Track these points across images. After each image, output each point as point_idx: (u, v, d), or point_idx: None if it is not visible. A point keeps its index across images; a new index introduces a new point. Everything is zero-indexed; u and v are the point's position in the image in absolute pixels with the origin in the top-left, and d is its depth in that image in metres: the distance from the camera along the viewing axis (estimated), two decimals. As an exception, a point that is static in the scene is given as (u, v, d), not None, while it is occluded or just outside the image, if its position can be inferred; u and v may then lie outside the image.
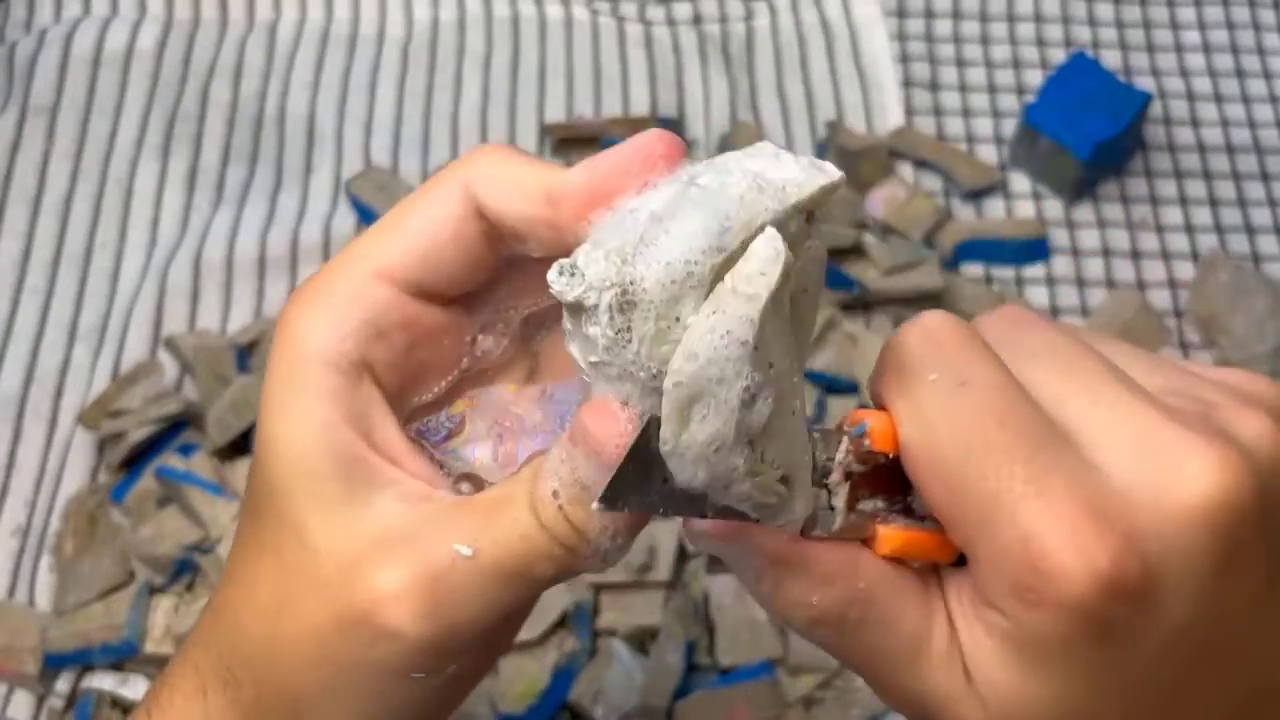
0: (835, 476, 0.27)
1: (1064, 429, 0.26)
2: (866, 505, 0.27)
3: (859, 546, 0.27)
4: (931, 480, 0.26)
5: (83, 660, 0.55)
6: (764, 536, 0.26)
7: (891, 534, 0.27)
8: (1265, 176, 0.74)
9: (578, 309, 0.25)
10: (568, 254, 0.26)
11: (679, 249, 0.24)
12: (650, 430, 0.25)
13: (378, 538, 0.28)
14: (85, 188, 0.70)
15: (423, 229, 0.29)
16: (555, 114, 0.74)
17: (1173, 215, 0.72)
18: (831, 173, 0.26)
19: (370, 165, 0.71)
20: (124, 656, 0.55)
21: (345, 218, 0.69)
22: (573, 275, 0.25)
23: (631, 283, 0.25)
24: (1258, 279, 0.68)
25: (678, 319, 0.24)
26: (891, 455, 0.27)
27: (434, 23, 0.77)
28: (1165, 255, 0.71)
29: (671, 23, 0.78)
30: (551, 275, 0.25)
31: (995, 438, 0.25)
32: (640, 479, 0.25)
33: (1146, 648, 0.25)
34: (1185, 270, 0.70)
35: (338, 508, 0.28)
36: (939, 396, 0.26)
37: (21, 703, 0.56)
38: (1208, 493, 0.24)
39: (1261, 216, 0.72)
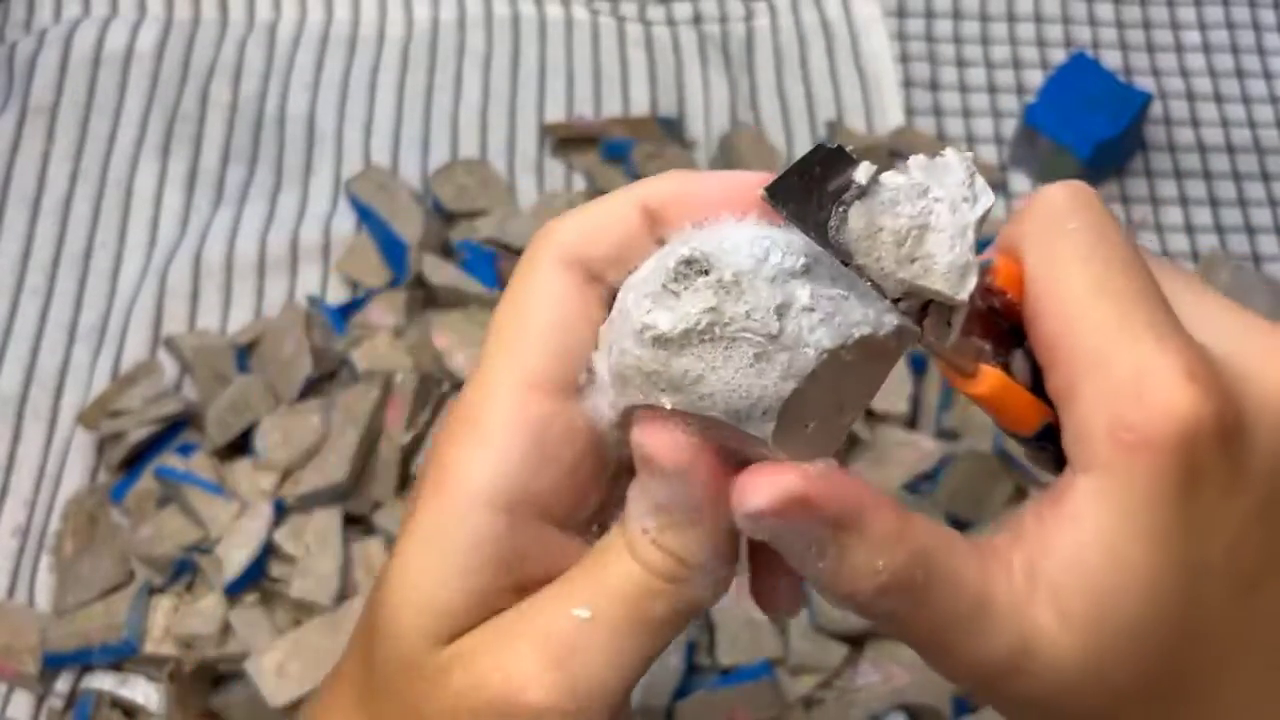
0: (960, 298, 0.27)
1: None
2: (975, 341, 0.28)
3: (905, 512, 0.27)
4: (1052, 313, 0.26)
5: (82, 660, 0.55)
6: (823, 496, 0.25)
7: (994, 373, 0.27)
8: (1265, 176, 0.74)
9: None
10: None
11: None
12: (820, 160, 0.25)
13: (498, 631, 0.28)
14: (85, 188, 0.70)
15: (554, 323, 0.28)
16: (555, 114, 0.74)
17: (1173, 215, 0.72)
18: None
19: (370, 165, 0.71)
20: (124, 656, 0.55)
21: (345, 218, 0.69)
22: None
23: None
24: (1258, 279, 0.68)
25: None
26: (1008, 297, 0.27)
27: (434, 23, 0.77)
28: (1166, 255, 0.71)
29: (671, 23, 0.78)
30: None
31: (1124, 282, 0.26)
32: (802, 192, 0.25)
33: (1232, 515, 0.25)
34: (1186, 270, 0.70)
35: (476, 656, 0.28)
36: (1077, 240, 0.27)
37: (21, 703, 0.56)
38: None
39: (1262, 216, 0.72)
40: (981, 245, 0.27)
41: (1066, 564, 0.25)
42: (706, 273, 0.25)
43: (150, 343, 0.64)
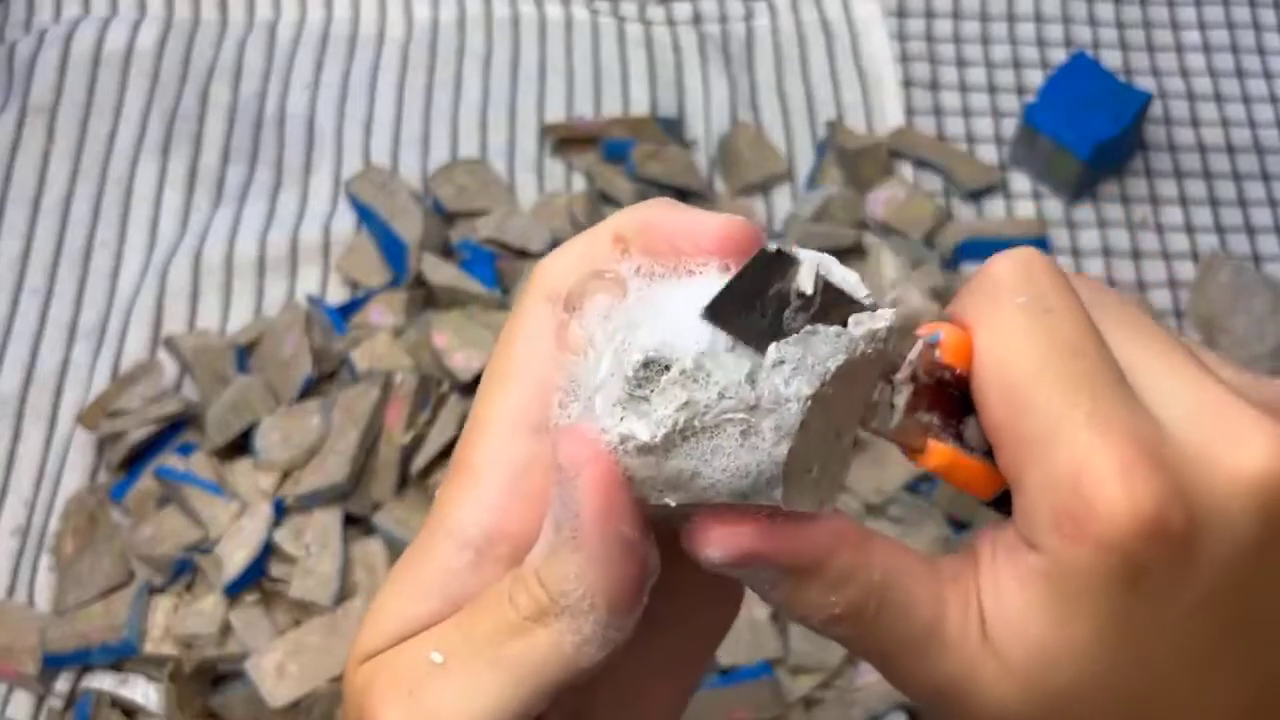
0: (903, 374, 0.27)
1: (1132, 383, 0.26)
2: (923, 417, 0.27)
3: (868, 534, 0.27)
4: (997, 396, 0.26)
5: (82, 660, 0.55)
6: (777, 550, 0.26)
7: (942, 449, 0.27)
8: (1266, 176, 0.74)
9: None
10: None
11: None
12: (770, 263, 0.25)
13: (376, 664, 0.27)
14: (85, 188, 0.70)
15: (541, 361, 0.27)
16: (555, 114, 0.74)
17: (1173, 215, 0.72)
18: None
19: (370, 165, 0.71)
20: (123, 656, 0.55)
21: (345, 218, 0.69)
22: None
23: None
24: (1258, 279, 0.68)
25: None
26: (957, 372, 0.27)
27: (434, 23, 0.77)
28: (1165, 255, 0.71)
29: (671, 23, 0.78)
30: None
31: (1069, 365, 0.25)
32: (744, 305, 0.25)
33: (1179, 604, 0.25)
34: (1186, 270, 0.70)
35: None
36: (1023, 317, 0.26)
37: (21, 703, 0.56)
38: (1264, 465, 0.25)
39: (1262, 216, 0.72)
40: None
41: (1011, 621, 0.26)
42: (668, 368, 0.24)
43: (150, 343, 0.64)
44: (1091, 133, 0.69)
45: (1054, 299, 0.26)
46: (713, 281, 0.26)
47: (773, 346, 0.25)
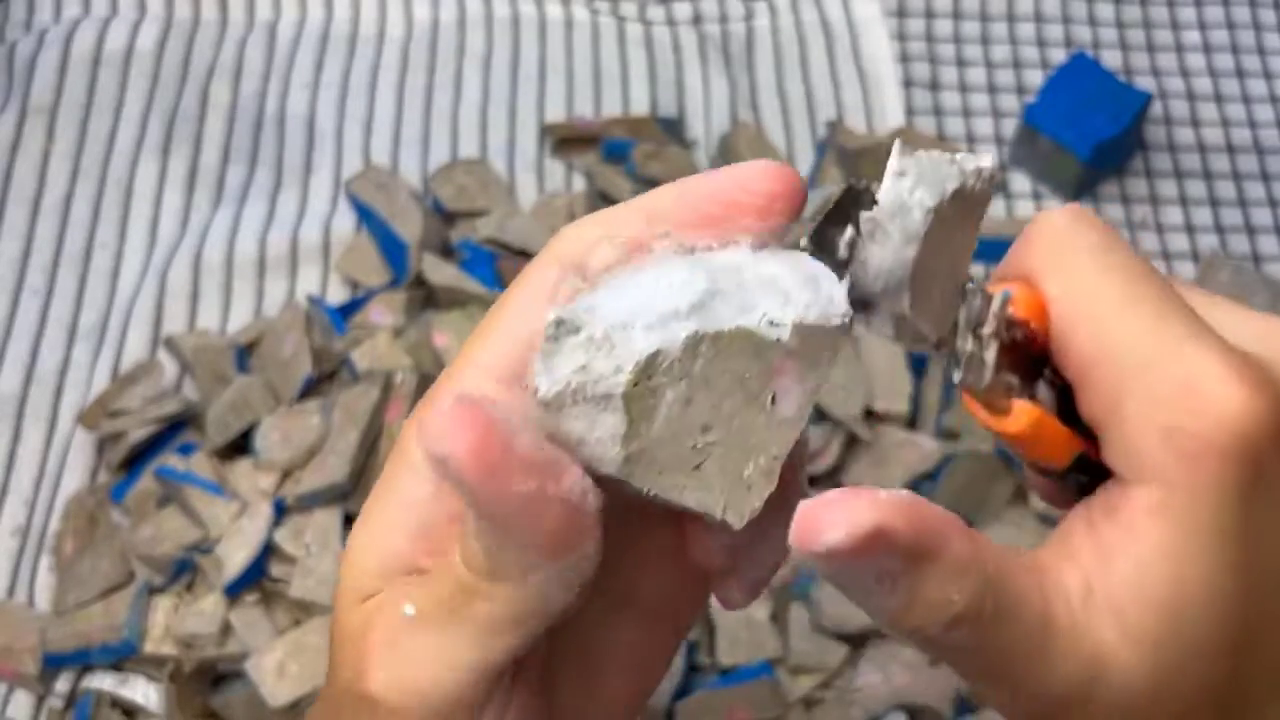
0: (989, 328, 0.26)
1: None
2: (1005, 378, 0.27)
3: (973, 532, 0.25)
4: (1084, 331, 0.26)
5: (82, 660, 0.55)
6: (905, 523, 0.23)
7: (1030, 408, 0.26)
8: (1266, 176, 0.74)
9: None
10: None
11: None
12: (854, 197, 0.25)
13: (363, 612, 0.27)
14: (85, 188, 0.70)
15: (532, 315, 0.27)
16: (555, 114, 0.74)
17: (1173, 215, 0.72)
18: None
19: (370, 165, 0.71)
20: (123, 656, 0.55)
21: (345, 218, 0.69)
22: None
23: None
24: (1258, 279, 0.68)
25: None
26: (1031, 328, 0.27)
27: (434, 23, 0.77)
28: (1166, 255, 0.71)
29: (671, 23, 0.78)
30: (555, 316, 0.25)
31: (1151, 292, 0.25)
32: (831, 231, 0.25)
33: None
34: (1186, 270, 0.70)
35: None
36: (1094, 256, 0.26)
37: (21, 703, 0.56)
38: None
39: (1262, 216, 0.72)
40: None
41: (1129, 581, 0.24)
42: (578, 330, 0.24)
43: (150, 342, 0.64)
44: (1091, 133, 0.69)
45: (1115, 240, 0.27)
46: (740, 255, 0.26)
47: (894, 157, 0.25)
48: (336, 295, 0.66)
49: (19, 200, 0.70)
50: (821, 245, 0.26)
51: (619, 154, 0.70)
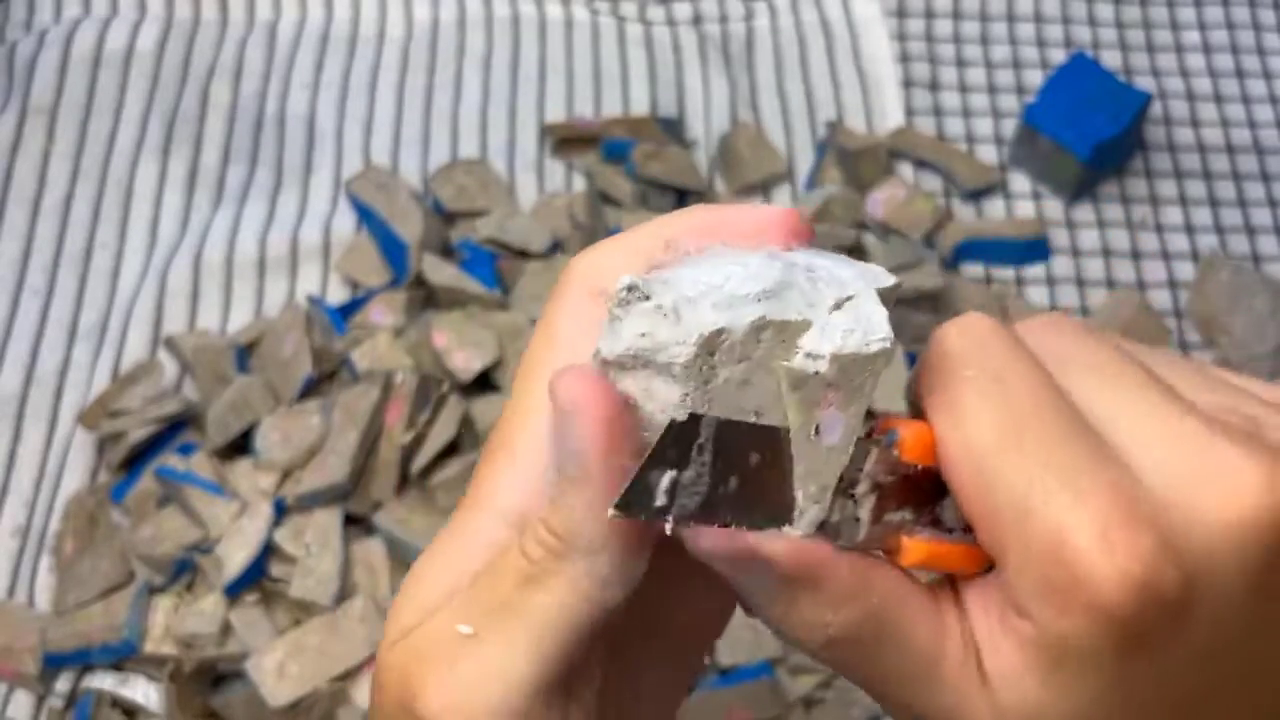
0: (862, 488, 0.26)
1: (1101, 435, 0.25)
2: (894, 517, 0.27)
3: (872, 559, 0.26)
4: (965, 477, 0.25)
5: (82, 660, 0.55)
6: (778, 553, 0.25)
7: (917, 545, 0.27)
8: (1265, 177, 0.74)
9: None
10: None
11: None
12: (673, 432, 0.25)
13: (419, 635, 0.27)
14: (85, 188, 0.70)
15: (584, 349, 0.27)
16: (555, 114, 0.74)
17: (1173, 215, 0.72)
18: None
19: (370, 165, 0.71)
20: (124, 656, 0.55)
21: (345, 218, 0.69)
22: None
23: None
24: (1258, 279, 0.68)
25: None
26: (921, 467, 0.26)
27: (434, 23, 0.77)
28: (1165, 255, 0.71)
29: (671, 23, 0.78)
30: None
31: (1029, 433, 0.25)
32: (653, 481, 0.25)
33: (1175, 661, 0.24)
34: (1185, 270, 0.70)
35: None
36: (975, 390, 0.25)
37: (21, 703, 0.56)
38: (1252, 505, 0.24)
39: (1262, 216, 0.72)
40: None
41: (1007, 677, 0.25)
42: (648, 298, 0.25)
43: (150, 342, 0.64)
44: (1091, 133, 0.69)
45: (1004, 367, 0.26)
46: (815, 256, 0.27)
47: (759, 312, 0.25)
48: (336, 295, 0.66)
49: (19, 200, 0.70)
50: (634, 502, 0.25)
51: (619, 154, 0.70)
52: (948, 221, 0.70)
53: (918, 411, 0.27)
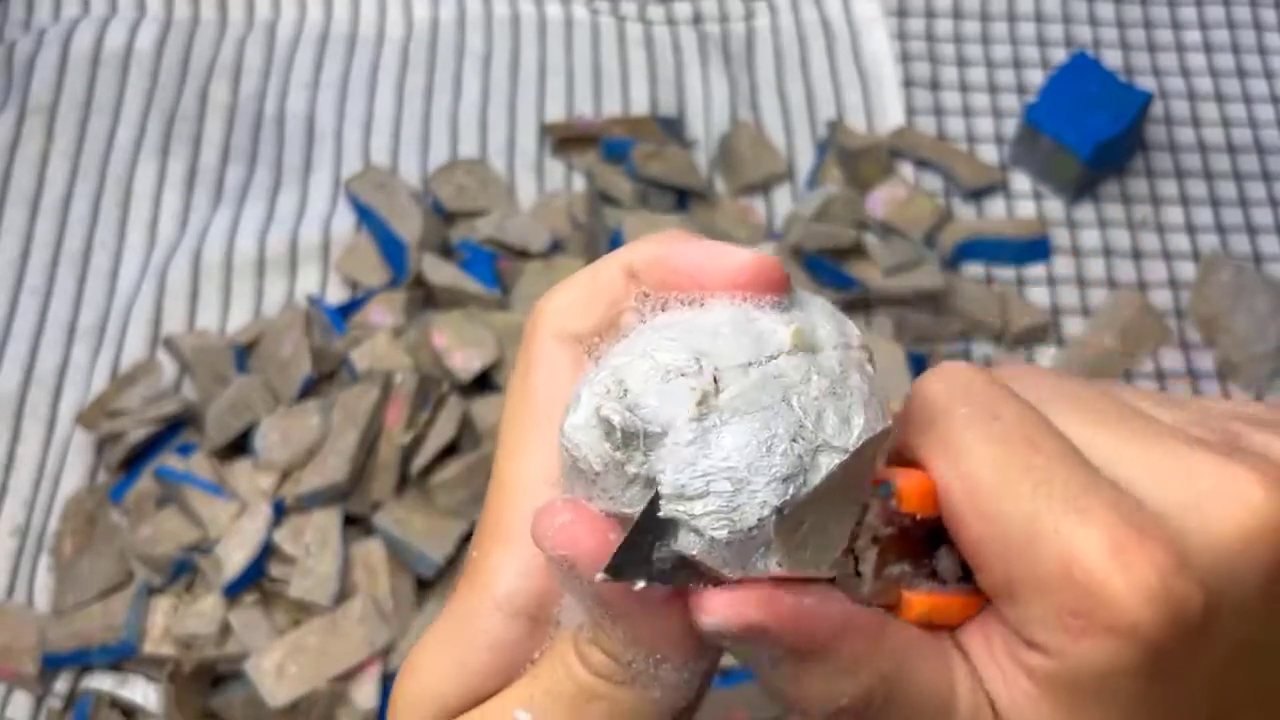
0: (862, 542, 0.26)
1: (1093, 462, 0.25)
2: (893, 570, 0.26)
3: (882, 620, 0.25)
4: (970, 514, 0.25)
5: (81, 661, 0.55)
6: (782, 625, 0.24)
7: (919, 599, 0.26)
8: (1266, 176, 0.74)
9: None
10: None
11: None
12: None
13: None
14: (84, 187, 0.70)
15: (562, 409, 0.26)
16: (555, 113, 0.73)
17: (1174, 215, 0.72)
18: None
19: (369, 165, 0.71)
20: (123, 657, 0.55)
21: (344, 218, 0.69)
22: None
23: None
24: (1259, 279, 0.68)
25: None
26: (919, 517, 0.26)
27: (434, 22, 0.77)
28: (1166, 255, 0.71)
29: (671, 22, 0.78)
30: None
31: (1031, 462, 0.24)
32: (644, 548, 0.24)
33: (1198, 675, 0.24)
34: (1186, 270, 0.70)
35: None
36: (971, 429, 0.25)
37: (20, 703, 0.56)
38: (1255, 512, 0.24)
39: (1263, 216, 0.72)
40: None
41: (1025, 717, 0.25)
42: (624, 463, 0.24)
43: (149, 342, 0.64)
44: (1092, 132, 0.69)
45: (995, 406, 0.25)
46: (724, 310, 0.25)
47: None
48: (336, 295, 0.66)
49: (18, 200, 0.69)
50: (628, 564, 0.24)
51: (619, 154, 0.70)
52: (948, 221, 0.70)
53: (905, 464, 0.27)
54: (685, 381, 0.23)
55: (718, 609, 0.23)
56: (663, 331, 0.24)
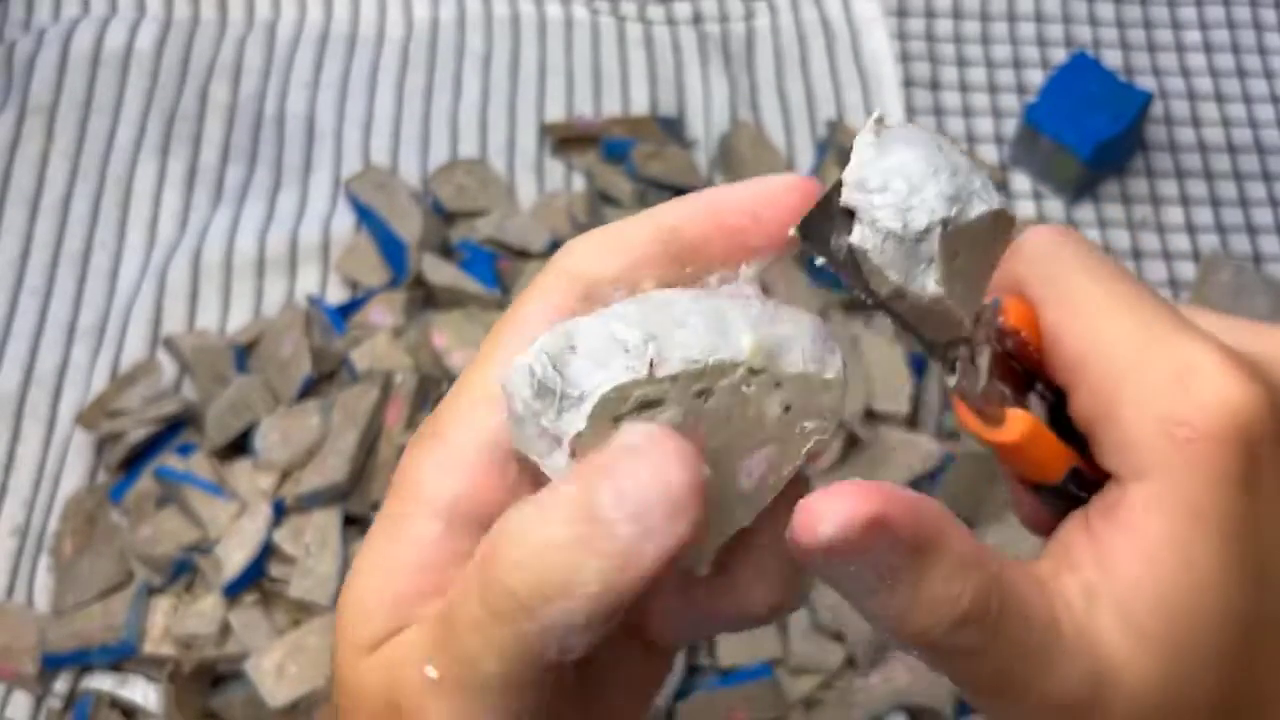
0: (981, 334, 0.26)
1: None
2: (998, 386, 0.27)
3: (971, 533, 0.25)
4: (1075, 332, 0.26)
5: (81, 661, 0.55)
6: (905, 518, 0.23)
7: (1025, 415, 0.26)
8: (1267, 176, 0.74)
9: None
10: None
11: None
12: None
13: (386, 662, 0.26)
14: (84, 187, 0.70)
15: (538, 332, 0.26)
16: (555, 113, 0.73)
17: (1174, 215, 0.72)
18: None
19: (369, 165, 0.71)
20: (122, 657, 0.55)
21: (344, 218, 0.69)
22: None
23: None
24: (1259, 279, 0.68)
25: None
26: (1021, 338, 0.26)
27: (434, 22, 0.77)
28: (1166, 255, 0.71)
29: (671, 22, 0.78)
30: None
31: (1140, 292, 0.26)
32: (825, 231, 0.25)
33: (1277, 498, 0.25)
34: (1186, 270, 0.70)
35: None
36: (1081, 264, 0.26)
37: (20, 703, 0.56)
38: None
39: (1263, 216, 0.72)
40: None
41: (1134, 578, 0.24)
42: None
43: (149, 342, 0.64)
44: (1092, 132, 0.69)
45: (1098, 251, 0.27)
46: (707, 302, 0.26)
47: (899, 130, 0.26)
48: (336, 295, 0.66)
49: (18, 200, 0.69)
50: (812, 237, 0.26)
51: (619, 154, 0.70)
52: (948, 221, 0.70)
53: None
54: (624, 359, 0.24)
55: (837, 512, 0.22)
56: (638, 304, 0.25)
